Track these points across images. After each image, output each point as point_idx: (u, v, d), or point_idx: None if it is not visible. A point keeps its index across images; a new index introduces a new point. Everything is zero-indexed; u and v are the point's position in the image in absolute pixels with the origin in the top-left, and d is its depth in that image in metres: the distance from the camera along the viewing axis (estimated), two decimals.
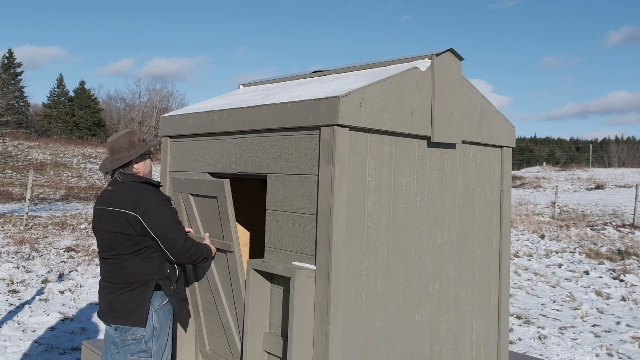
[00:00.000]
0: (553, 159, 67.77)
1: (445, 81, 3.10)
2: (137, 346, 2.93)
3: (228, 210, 3.04)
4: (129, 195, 2.93)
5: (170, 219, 2.93)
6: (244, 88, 4.07)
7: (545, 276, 9.91)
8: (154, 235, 2.89)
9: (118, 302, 2.92)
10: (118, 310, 2.91)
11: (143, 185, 3.01)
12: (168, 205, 3.00)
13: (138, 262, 2.91)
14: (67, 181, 28.14)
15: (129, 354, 2.94)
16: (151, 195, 2.95)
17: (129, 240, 2.90)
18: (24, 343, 5.58)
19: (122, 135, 3.06)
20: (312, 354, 2.65)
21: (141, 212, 2.87)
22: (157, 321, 2.97)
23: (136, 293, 2.91)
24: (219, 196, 3.06)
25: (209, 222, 3.25)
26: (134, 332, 2.91)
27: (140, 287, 2.91)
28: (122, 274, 2.93)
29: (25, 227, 13.40)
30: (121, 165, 3.00)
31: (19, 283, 8.09)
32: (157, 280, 2.94)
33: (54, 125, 51.33)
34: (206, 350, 3.50)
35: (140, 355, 2.94)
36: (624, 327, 6.88)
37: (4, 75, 30.84)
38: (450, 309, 3.30)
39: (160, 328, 2.99)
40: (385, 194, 2.87)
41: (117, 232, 2.90)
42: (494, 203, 3.63)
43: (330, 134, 2.58)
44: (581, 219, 17.40)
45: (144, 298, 2.91)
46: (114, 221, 2.91)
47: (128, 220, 2.87)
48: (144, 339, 2.93)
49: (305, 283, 2.62)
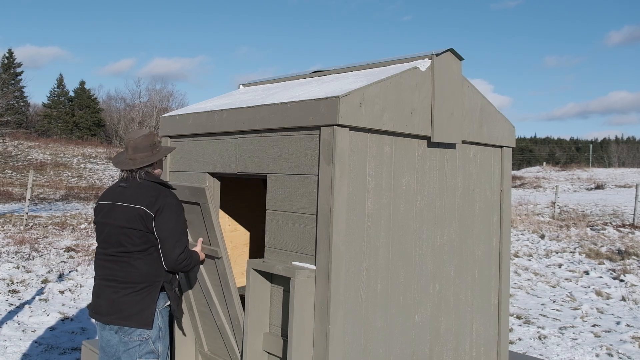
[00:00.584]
0: (553, 159, 67.79)
1: (445, 81, 3.10)
2: (145, 347, 2.89)
3: (212, 217, 3.02)
4: (146, 193, 2.91)
5: (178, 226, 2.90)
6: (244, 88, 4.07)
7: (545, 276, 9.91)
8: (157, 235, 2.87)
9: (123, 303, 2.87)
10: (123, 310, 2.86)
11: (161, 187, 2.99)
12: (181, 212, 2.96)
13: (147, 262, 2.89)
14: (67, 181, 28.14)
15: (136, 356, 2.89)
16: (168, 197, 2.94)
17: (140, 237, 2.87)
18: (24, 343, 5.58)
19: (147, 135, 3.05)
20: (312, 354, 2.65)
21: (155, 210, 2.85)
22: (162, 322, 2.96)
23: (143, 294, 2.87)
24: (202, 202, 3.04)
25: (195, 227, 3.23)
26: (140, 333, 2.88)
27: (147, 288, 2.88)
28: (130, 273, 2.88)
29: (25, 227, 13.40)
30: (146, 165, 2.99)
31: (19, 283, 8.09)
32: (163, 282, 2.92)
33: (54, 125, 51.35)
34: (205, 351, 3.51)
35: (149, 357, 2.91)
36: (624, 327, 6.88)
37: (4, 75, 30.85)
38: (450, 309, 3.30)
39: (165, 329, 2.99)
40: (385, 194, 2.87)
41: (130, 228, 2.87)
42: (494, 203, 3.63)
43: (330, 134, 2.58)
44: (581, 219, 17.41)
45: (151, 300, 2.88)
46: (127, 217, 2.88)
47: (142, 216, 2.85)
48: (150, 339, 2.90)
49: (305, 283, 2.62)
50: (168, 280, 2.96)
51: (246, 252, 4.17)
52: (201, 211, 3.09)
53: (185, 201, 3.18)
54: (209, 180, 3.39)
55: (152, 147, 3.03)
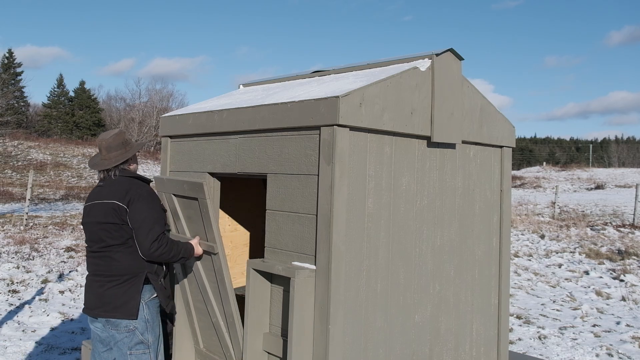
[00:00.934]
0: (553, 159, 67.78)
1: (445, 81, 3.10)
2: (133, 338, 2.97)
3: (210, 212, 3.04)
4: (119, 188, 3.02)
5: (150, 215, 2.97)
6: (244, 88, 4.07)
7: (545, 276, 9.91)
8: (131, 225, 2.95)
9: (109, 296, 2.96)
10: (109, 303, 2.96)
11: (135, 180, 3.11)
12: (153, 201, 3.04)
13: (127, 254, 2.97)
14: (67, 181, 28.13)
15: (126, 348, 2.97)
16: (139, 188, 3.04)
17: (118, 231, 2.97)
18: (24, 343, 5.58)
19: (117, 134, 3.17)
20: (312, 354, 2.65)
21: (127, 201, 2.96)
22: (148, 313, 3.02)
23: (127, 285, 2.96)
24: (200, 197, 3.06)
25: (193, 223, 3.25)
26: (127, 325, 2.96)
27: (131, 280, 2.97)
28: (113, 266, 2.98)
29: (25, 227, 13.40)
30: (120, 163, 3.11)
31: (19, 283, 8.09)
32: (146, 273, 2.99)
33: (54, 125, 51.33)
34: (200, 348, 3.52)
35: (138, 348, 2.98)
36: (624, 327, 6.88)
37: (4, 75, 30.85)
38: (450, 309, 3.30)
39: (152, 320, 3.05)
40: (385, 194, 2.87)
41: (107, 223, 2.98)
42: (494, 203, 3.63)
43: (330, 134, 2.58)
44: (581, 219, 17.40)
45: (135, 291, 2.96)
46: (104, 212, 3.00)
47: (115, 210, 2.96)
48: (137, 330, 2.97)
49: (305, 283, 2.62)
50: (152, 271, 3.03)
51: (246, 252, 4.17)
52: (199, 206, 3.10)
53: (183, 196, 3.21)
54: (208, 180, 3.39)
55: (124, 145, 3.15)
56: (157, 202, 3.09)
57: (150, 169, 34.04)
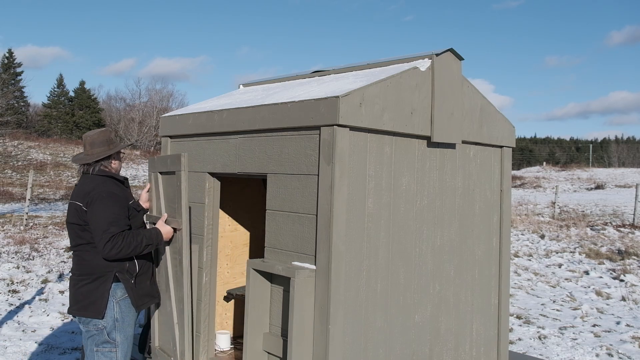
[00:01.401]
0: (553, 159, 67.76)
1: (445, 81, 3.10)
2: (100, 337, 2.97)
3: (182, 184, 3.00)
4: (84, 188, 3.02)
5: (105, 216, 2.91)
6: (244, 88, 4.07)
7: (545, 276, 9.91)
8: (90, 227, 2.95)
9: (80, 294, 2.99)
10: (80, 301, 2.98)
11: (103, 178, 3.07)
12: (110, 201, 2.96)
13: (95, 254, 2.96)
14: (67, 181, 28.13)
15: (94, 344, 2.98)
16: (101, 187, 2.99)
17: (82, 231, 2.98)
18: (24, 343, 5.58)
19: (102, 132, 3.19)
20: (312, 354, 2.65)
21: (87, 202, 2.95)
22: (118, 312, 2.99)
23: (96, 284, 2.97)
24: (177, 170, 3.05)
25: (170, 201, 3.22)
26: (96, 323, 2.97)
27: (99, 279, 2.97)
28: (83, 266, 3.00)
29: (25, 227, 13.40)
30: (102, 159, 3.10)
31: (19, 283, 8.09)
32: (115, 272, 2.97)
33: (54, 125, 51.32)
34: (155, 346, 3.44)
35: (105, 346, 2.97)
36: (624, 327, 6.88)
37: (4, 75, 30.84)
38: (450, 309, 3.30)
39: (123, 319, 3.01)
40: (385, 194, 2.87)
41: (73, 224, 3.00)
42: (494, 203, 3.63)
43: (330, 134, 2.58)
44: (581, 219, 17.40)
45: (103, 290, 2.96)
46: (72, 213, 3.02)
47: (78, 210, 2.97)
48: (105, 329, 2.97)
49: (305, 283, 2.62)
50: (123, 269, 2.99)
51: (246, 252, 4.17)
52: (175, 180, 3.08)
53: (166, 172, 3.20)
54: (209, 180, 3.39)
55: (108, 142, 3.15)
56: (117, 202, 3.00)
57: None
